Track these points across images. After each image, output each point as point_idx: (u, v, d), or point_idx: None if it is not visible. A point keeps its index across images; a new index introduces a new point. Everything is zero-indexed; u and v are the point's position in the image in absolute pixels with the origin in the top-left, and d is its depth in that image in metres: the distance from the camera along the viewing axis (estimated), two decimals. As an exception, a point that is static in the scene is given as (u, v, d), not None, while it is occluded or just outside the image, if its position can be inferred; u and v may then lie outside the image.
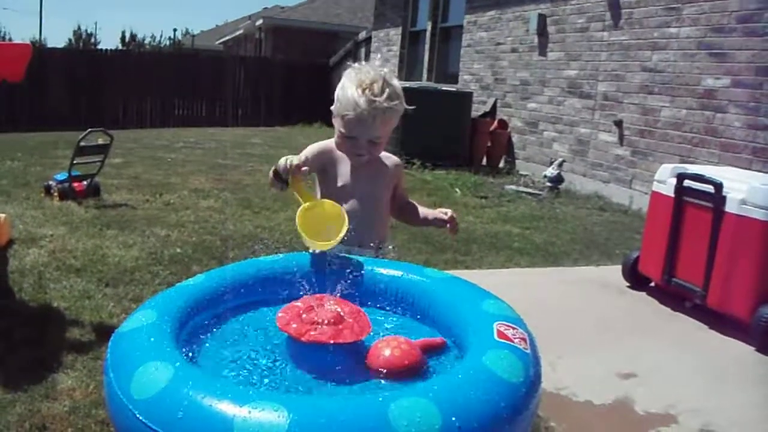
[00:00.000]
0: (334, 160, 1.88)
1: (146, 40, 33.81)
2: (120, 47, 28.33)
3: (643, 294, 3.83)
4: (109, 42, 66.16)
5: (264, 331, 1.39)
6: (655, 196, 3.77)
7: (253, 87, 17.00)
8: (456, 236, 4.90)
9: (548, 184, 7.48)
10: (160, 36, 53.58)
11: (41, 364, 2.59)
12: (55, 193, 5.48)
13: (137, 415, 1.00)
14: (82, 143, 5.46)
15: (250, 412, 0.94)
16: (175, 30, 59.29)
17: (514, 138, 9.19)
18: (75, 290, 3.44)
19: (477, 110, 9.67)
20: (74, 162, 5.42)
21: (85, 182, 5.61)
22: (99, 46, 28.67)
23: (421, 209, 1.98)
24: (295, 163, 1.64)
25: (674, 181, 3.58)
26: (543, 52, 8.55)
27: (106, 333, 1.55)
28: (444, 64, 11.71)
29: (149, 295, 2.79)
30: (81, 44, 30.23)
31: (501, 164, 9.28)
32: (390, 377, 1.20)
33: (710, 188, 3.32)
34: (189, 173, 7.46)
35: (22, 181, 6.35)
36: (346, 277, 1.48)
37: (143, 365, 1.07)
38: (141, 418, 1.00)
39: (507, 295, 1.43)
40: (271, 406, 0.95)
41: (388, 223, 2.02)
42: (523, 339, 1.22)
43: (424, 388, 1.05)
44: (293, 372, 1.23)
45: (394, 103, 1.75)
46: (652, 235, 3.75)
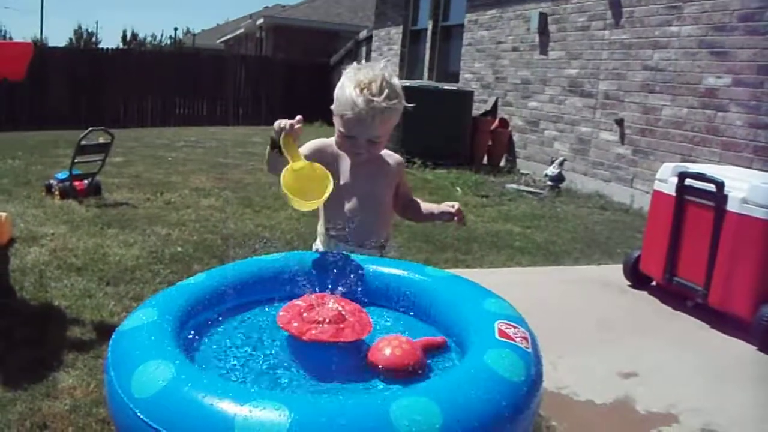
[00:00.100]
0: (334, 158, 1.87)
1: (147, 39, 33.85)
2: (121, 46, 28.34)
3: (645, 293, 3.83)
4: (110, 41, 66.15)
5: (265, 330, 1.38)
6: (657, 195, 3.77)
7: (254, 86, 17.01)
8: (457, 234, 4.92)
9: (549, 183, 7.47)
10: (161, 35, 53.48)
11: (42, 362, 2.59)
12: (56, 192, 5.48)
13: (138, 414, 1.00)
14: (83, 142, 5.46)
15: (251, 411, 0.94)
16: (176, 29, 59.34)
17: (515, 137, 9.18)
18: (76, 289, 3.44)
19: (478, 109, 9.67)
20: (75, 161, 5.42)
21: (86, 181, 5.61)
22: (100, 46, 28.68)
23: (426, 204, 1.97)
24: (290, 122, 1.63)
25: (675, 180, 3.58)
26: (544, 50, 8.54)
27: (107, 332, 1.55)
28: (445, 62, 11.71)
29: (150, 294, 2.77)
30: (82, 43, 30.23)
31: (502, 163, 9.27)
32: (391, 376, 1.20)
33: (711, 187, 3.32)
34: (190, 172, 7.46)
35: (23, 179, 6.35)
36: (347, 275, 1.48)
37: (144, 364, 1.07)
38: (142, 416, 1.00)
39: (508, 294, 1.43)
40: (272, 405, 0.95)
41: (390, 222, 2.01)
42: (525, 338, 1.22)
43: (425, 388, 1.05)
44: (294, 371, 1.23)
45: (393, 102, 1.73)
46: (654, 234, 3.75)
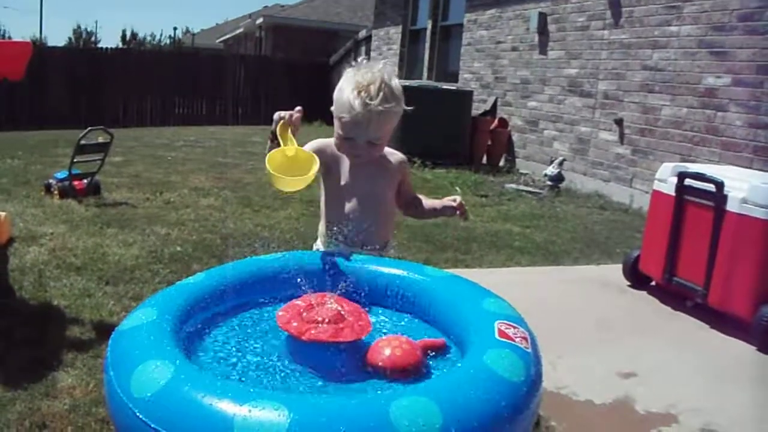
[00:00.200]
0: (335, 158, 1.86)
1: (147, 39, 33.86)
2: (120, 46, 28.32)
3: (644, 293, 3.82)
4: (109, 41, 66.23)
5: (264, 330, 1.38)
6: (656, 195, 3.77)
7: (254, 86, 16.99)
8: (457, 234, 4.92)
9: (549, 182, 7.47)
10: (161, 34, 53.53)
11: (41, 362, 2.59)
12: (56, 192, 5.48)
13: (137, 414, 1.00)
14: (83, 142, 5.45)
15: (251, 410, 0.94)
16: (176, 28, 59.40)
17: (515, 136, 9.18)
18: (75, 288, 3.44)
19: (477, 109, 9.67)
20: (74, 160, 5.42)
21: (85, 180, 5.61)
22: (99, 45, 28.67)
23: (428, 201, 1.96)
24: (289, 112, 1.62)
25: (675, 179, 3.58)
26: (543, 50, 8.54)
27: (106, 331, 1.55)
28: (444, 62, 11.71)
29: (149, 294, 2.77)
30: (81, 43, 30.26)
31: (501, 163, 9.27)
32: (391, 377, 1.20)
33: (711, 187, 3.32)
34: (189, 172, 7.46)
35: (23, 179, 6.35)
36: (347, 275, 1.48)
37: (143, 363, 1.07)
38: (141, 416, 1.00)
39: (507, 294, 1.43)
40: (271, 405, 0.95)
41: (392, 222, 1.99)
42: (524, 338, 1.22)
43: (425, 388, 1.05)
44: (294, 371, 1.23)
45: (390, 105, 1.71)
46: (653, 234, 3.75)
